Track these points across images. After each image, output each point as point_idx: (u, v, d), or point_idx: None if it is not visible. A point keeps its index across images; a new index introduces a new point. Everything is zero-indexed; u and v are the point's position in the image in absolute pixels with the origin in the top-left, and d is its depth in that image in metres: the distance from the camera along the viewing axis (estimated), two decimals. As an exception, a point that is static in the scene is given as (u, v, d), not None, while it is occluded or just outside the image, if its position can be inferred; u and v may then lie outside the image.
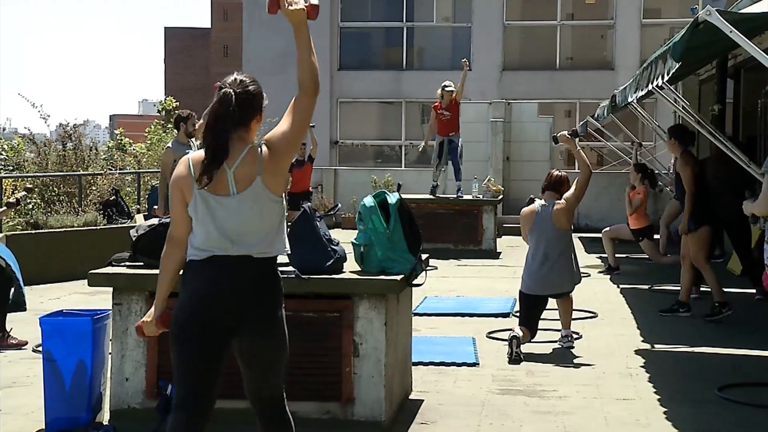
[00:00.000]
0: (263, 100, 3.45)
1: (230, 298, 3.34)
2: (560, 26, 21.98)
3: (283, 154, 3.39)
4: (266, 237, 3.38)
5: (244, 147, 3.36)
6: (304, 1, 3.38)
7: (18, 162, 16.77)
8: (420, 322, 7.78)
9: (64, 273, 10.38)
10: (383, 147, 23.87)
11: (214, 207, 3.33)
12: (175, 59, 75.60)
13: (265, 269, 3.40)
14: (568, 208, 6.94)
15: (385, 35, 23.58)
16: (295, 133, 3.40)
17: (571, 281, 6.96)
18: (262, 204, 3.36)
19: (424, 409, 5.35)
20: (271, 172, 3.36)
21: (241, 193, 3.33)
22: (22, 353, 6.92)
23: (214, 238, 3.33)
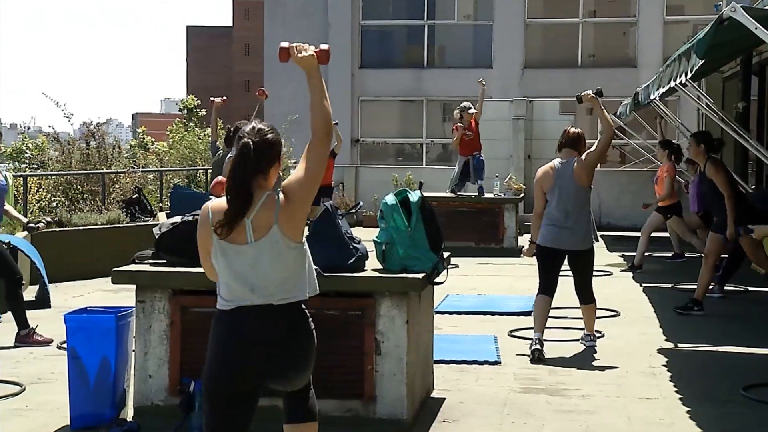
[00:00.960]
0: (281, 147, 3.46)
1: (254, 351, 3.34)
2: (582, 23, 21.86)
3: (300, 201, 3.38)
4: (286, 283, 3.38)
5: (262, 195, 3.37)
6: (314, 47, 3.38)
7: (42, 160, 16.92)
8: (441, 321, 7.77)
9: (87, 270, 10.45)
10: (404, 145, 23.85)
11: (232, 256, 3.34)
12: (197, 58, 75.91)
13: (289, 315, 3.39)
14: (590, 166, 6.85)
15: (406, 33, 23.55)
16: (310, 180, 3.39)
17: (588, 239, 6.90)
18: (279, 252, 3.35)
19: (445, 408, 5.35)
20: (289, 220, 3.36)
21: (259, 241, 3.33)
22: (47, 350, 6.98)
23: (234, 288, 3.35)
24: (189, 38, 79.03)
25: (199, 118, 26.13)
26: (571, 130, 7.06)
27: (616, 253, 13.24)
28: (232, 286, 3.35)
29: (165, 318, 4.97)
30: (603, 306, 8.39)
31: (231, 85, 69.72)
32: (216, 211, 3.38)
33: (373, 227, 13.96)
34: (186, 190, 15.38)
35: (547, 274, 6.87)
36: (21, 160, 18.12)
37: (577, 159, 6.83)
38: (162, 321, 4.97)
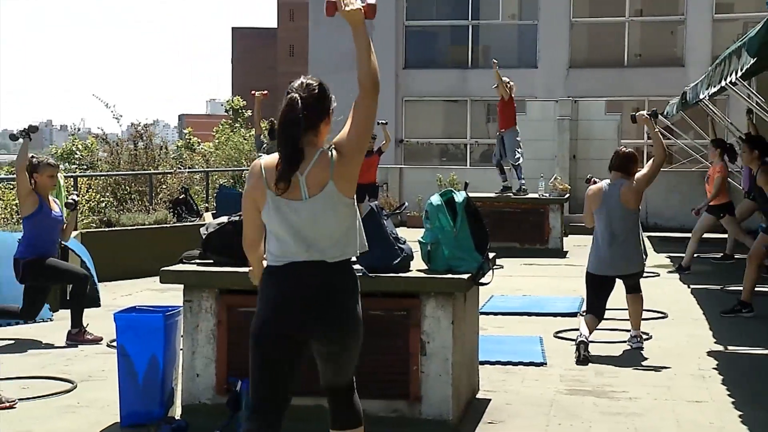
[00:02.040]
0: (331, 102, 3.46)
1: (306, 305, 3.36)
2: (628, 22, 21.65)
3: (352, 157, 3.39)
4: (339, 240, 3.40)
5: (315, 151, 3.38)
6: (360, 1, 3.38)
7: (92, 161, 17.19)
8: (486, 321, 7.75)
9: (135, 270, 10.57)
10: (448, 145, 23.81)
11: (286, 212, 3.35)
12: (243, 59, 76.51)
13: (340, 272, 3.41)
14: (638, 189, 6.80)
15: (450, 33, 23.50)
16: (360, 135, 3.40)
17: (638, 262, 6.85)
18: (335, 208, 3.37)
19: (491, 409, 5.33)
20: (343, 176, 3.37)
21: (313, 197, 3.35)
22: (97, 348, 7.08)
23: (288, 244, 3.36)
24: (234, 40, 79.69)
25: (244, 119, 26.33)
26: (623, 150, 7.02)
27: (663, 254, 13.08)
28: (285, 242, 3.36)
29: (212, 317, 5.01)
30: (651, 307, 8.29)
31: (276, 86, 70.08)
32: (269, 168, 3.39)
33: (417, 228, 13.94)
34: (232, 190, 15.51)
35: (596, 298, 6.85)
36: (71, 161, 18.42)
37: (625, 182, 6.78)
38: (209, 320, 5.02)
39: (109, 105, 16.49)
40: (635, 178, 6.81)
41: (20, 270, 7.22)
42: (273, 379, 3.39)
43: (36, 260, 7.22)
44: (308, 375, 3.67)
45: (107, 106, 16.50)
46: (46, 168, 7.33)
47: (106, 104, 16.47)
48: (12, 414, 5.23)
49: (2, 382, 5.70)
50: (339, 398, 3.60)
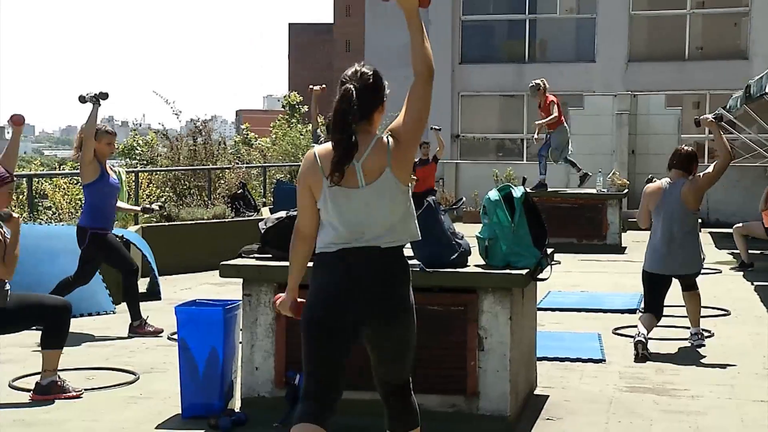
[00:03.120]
0: (385, 90, 3.46)
1: (358, 291, 3.37)
2: (690, 15, 21.28)
3: (408, 143, 3.40)
4: (394, 227, 3.40)
5: (371, 139, 3.39)
6: None
7: (152, 157, 17.44)
8: (544, 317, 7.69)
9: (194, 264, 10.72)
10: (504, 140, 23.67)
11: (343, 200, 3.36)
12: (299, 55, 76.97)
13: (393, 259, 3.42)
14: (700, 190, 6.69)
15: (507, 28, 23.36)
16: (416, 121, 3.39)
17: (696, 262, 6.73)
18: (391, 194, 3.38)
19: (549, 405, 5.29)
20: (399, 162, 3.38)
21: (370, 184, 3.36)
22: (158, 340, 7.19)
23: (343, 231, 3.37)
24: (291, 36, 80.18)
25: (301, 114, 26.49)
26: (684, 149, 6.90)
27: (725, 251, 12.85)
28: (340, 229, 3.36)
29: (271, 311, 5.05)
30: (712, 305, 8.16)
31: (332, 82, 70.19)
32: (323, 156, 3.39)
33: (473, 223, 13.90)
34: (289, 185, 15.62)
35: (653, 297, 6.76)
36: (132, 157, 18.72)
37: (686, 181, 6.67)
38: (268, 314, 5.06)
39: (168, 101, 16.71)
40: (697, 178, 6.70)
41: (86, 239, 7.35)
42: (324, 365, 3.40)
43: (100, 234, 7.34)
44: (364, 369, 3.68)
45: (167, 102, 16.72)
46: (104, 135, 7.41)
47: (166, 100, 16.69)
48: (79, 403, 5.35)
49: (68, 373, 5.83)
50: (395, 398, 3.57)
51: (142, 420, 5.01)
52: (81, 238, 7.38)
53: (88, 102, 7.30)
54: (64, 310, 5.49)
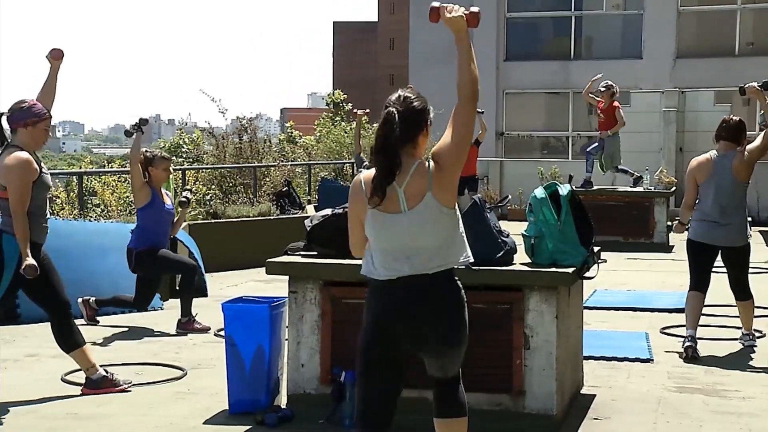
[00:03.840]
0: (428, 114, 3.46)
1: (410, 319, 3.38)
2: (740, 10, 20.94)
3: (450, 166, 3.39)
4: (440, 250, 3.39)
5: (413, 163, 3.39)
6: (464, 8, 3.38)
7: (198, 154, 17.62)
8: (590, 316, 7.62)
9: (240, 261, 10.80)
10: (549, 138, 23.51)
11: (386, 225, 3.38)
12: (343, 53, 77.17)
13: (443, 285, 3.41)
14: (751, 161, 6.54)
15: (552, 25, 23.18)
16: (458, 144, 3.38)
17: (744, 235, 6.60)
18: (435, 218, 3.37)
19: (596, 404, 5.25)
20: (441, 186, 3.37)
21: (413, 209, 3.36)
22: (205, 337, 7.26)
23: (389, 257, 3.39)
24: (335, 34, 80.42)
25: (345, 112, 26.57)
26: (732, 119, 6.74)
27: (776, 250, 12.63)
28: (386, 255, 3.38)
29: (316, 308, 5.08)
30: (763, 304, 8.02)
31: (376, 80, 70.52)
32: (368, 182, 3.42)
33: (518, 221, 13.82)
34: (333, 183, 15.70)
35: (699, 270, 6.63)
36: (178, 154, 18.92)
37: (737, 152, 6.54)
38: (314, 311, 5.09)
39: (215, 99, 16.85)
40: (747, 150, 6.57)
41: (133, 260, 7.48)
42: (379, 391, 3.43)
43: (148, 251, 7.46)
44: (412, 368, 3.68)
45: (213, 101, 16.86)
46: (161, 162, 7.55)
47: (212, 98, 16.83)
48: (128, 398, 5.43)
49: (118, 368, 5.91)
50: (444, 388, 3.62)
51: (189, 415, 5.07)
52: (129, 261, 7.51)
53: (134, 133, 7.51)
54: (66, 306, 5.47)
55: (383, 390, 3.43)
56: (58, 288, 5.48)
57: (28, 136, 5.31)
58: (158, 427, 4.87)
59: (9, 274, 5.24)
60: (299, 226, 5.85)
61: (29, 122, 5.30)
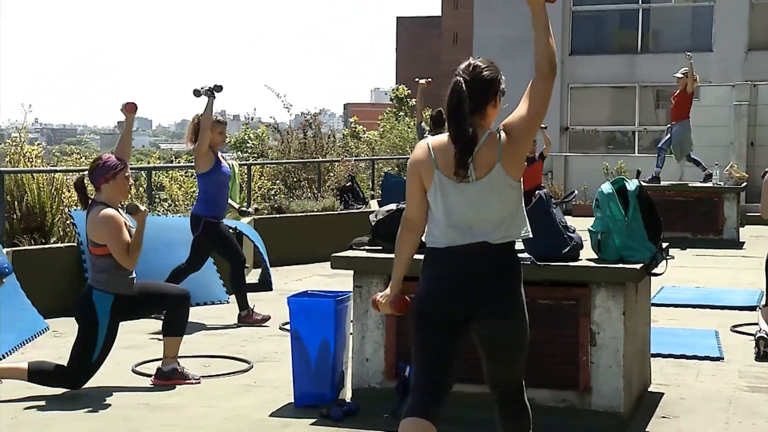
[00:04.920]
0: (499, 84, 3.41)
1: (468, 287, 3.34)
2: (815, 0, 20.39)
3: (521, 139, 3.35)
4: (503, 222, 3.36)
5: (483, 133, 3.36)
6: None
7: (262, 150, 17.79)
8: (658, 313, 7.50)
9: (304, 255, 10.88)
10: (615, 133, 23.20)
11: (453, 194, 3.34)
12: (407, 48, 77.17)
13: (503, 255, 3.38)
14: None
15: (619, 18, 22.86)
16: (532, 117, 3.35)
17: None
18: (502, 190, 3.34)
19: (664, 403, 5.17)
20: (511, 158, 3.34)
21: (481, 179, 3.32)
22: (270, 330, 7.34)
23: (452, 225, 3.35)
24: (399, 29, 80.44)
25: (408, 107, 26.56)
26: None
27: None
28: (449, 223, 3.35)
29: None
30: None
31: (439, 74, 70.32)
32: (437, 148, 3.37)
33: (583, 216, 13.68)
34: (397, 178, 15.68)
35: None
36: (243, 150, 19.12)
37: None
38: (378, 306, 5.09)
39: (279, 95, 16.99)
40: None
41: (200, 227, 7.56)
42: (434, 360, 3.38)
43: (213, 222, 7.54)
44: (474, 362, 3.66)
45: (278, 96, 17.00)
46: (216, 125, 7.61)
47: (277, 94, 16.97)
48: (197, 390, 5.52)
49: (186, 360, 6.01)
50: (505, 399, 3.53)
51: (256, 407, 5.13)
52: (194, 226, 7.59)
53: (203, 95, 7.49)
54: (184, 298, 5.67)
55: (438, 355, 3.36)
56: (167, 288, 5.78)
57: (112, 189, 5.52)
58: (226, 419, 4.94)
59: (103, 330, 5.44)
60: (362, 221, 5.86)
61: (109, 177, 5.50)
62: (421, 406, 3.37)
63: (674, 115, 13.54)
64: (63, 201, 9.15)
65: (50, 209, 8.91)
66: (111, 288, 5.43)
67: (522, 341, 3.47)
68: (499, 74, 3.43)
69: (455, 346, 3.40)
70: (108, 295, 5.42)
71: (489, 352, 3.49)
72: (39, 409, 5.11)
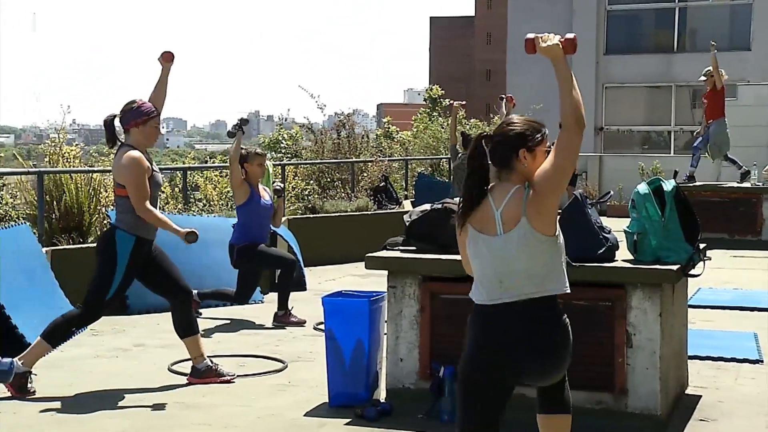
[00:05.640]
0: (527, 139, 3.36)
1: (511, 348, 3.32)
2: None
3: (546, 193, 3.32)
4: (533, 278, 3.32)
5: (512, 187, 3.36)
6: (559, 36, 3.32)
7: (296, 150, 17.83)
8: (694, 315, 7.42)
9: (338, 255, 10.90)
10: (650, 133, 23.00)
11: (482, 247, 3.36)
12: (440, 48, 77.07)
13: (540, 311, 3.34)
14: None
15: (654, 17, 22.66)
16: (557, 171, 3.31)
17: None
18: (529, 244, 3.31)
19: (702, 406, 5.11)
20: (537, 212, 3.31)
21: (507, 233, 3.32)
22: (304, 330, 7.36)
23: (486, 281, 3.37)
24: (432, 29, 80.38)
25: (442, 107, 26.52)
26: None
27: None
28: (482, 277, 3.38)
29: (415, 304, 5.09)
30: None
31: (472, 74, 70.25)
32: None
33: (617, 217, 13.56)
34: (430, 178, 15.69)
35: None
36: (277, 150, 19.18)
37: None
38: (412, 306, 5.10)
39: (313, 95, 17.01)
40: None
41: (234, 255, 7.64)
42: (482, 418, 3.39)
43: (248, 246, 7.60)
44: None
45: (312, 97, 17.02)
46: (255, 157, 7.70)
47: (311, 94, 16.99)
48: (231, 388, 5.56)
49: (221, 359, 6.05)
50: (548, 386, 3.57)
51: (290, 407, 5.15)
52: (231, 256, 7.67)
53: (235, 133, 7.66)
54: (186, 295, 5.68)
55: (486, 416, 3.37)
56: (177, 276, 5.71)
57: (140, 134, 5.53)
58: (261, 418, 4.96)
59: (121, 270, 5.47)
60: (396, 221, 5.87)
61: (140, 121, 5.51)
62: None
63: (708, 115, 13.43)
64: (100, 201, 9.25)
65: (88, 209, 9.02)
66: (134, 229, 5.45)
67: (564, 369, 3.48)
68: (532, 129, 3.39)
69: (503, 404, 3.40)
70: (130, 236, 5.44)
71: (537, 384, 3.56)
72: (76, 406, 5.17)
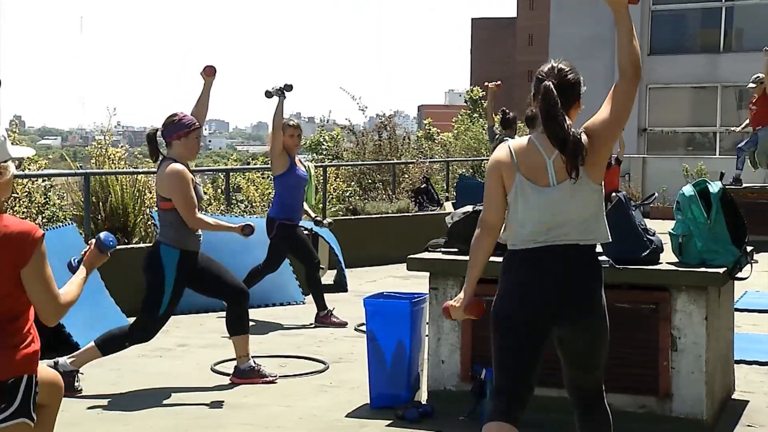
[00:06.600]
0: (581, 86, 3.42)
1: (551, 289, 3.32)
2: None
3: (603, 140, 3.33)
4: (583, 225, 3.34)
5: None
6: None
7: (337, 152, 17.88)
8: (741, 318, 7.31)
9: (378, 257, 10.91)
10: (695, 134, 22.71)
11: (533, 197, 3.33)
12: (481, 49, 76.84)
13: (583, 258, 3.35)
14: None
15: (700, 17, 22.38)
16: (615, 120, 3.33)
17: None
18: (582, 193, 3.32)
19: (749, 411, 5.03)
20: (592, 161, 3.31)
21: (561, 183, 3.31)
22: (345, 331, 7.38)
23: (533, 228, 3.33)
24: (473, 30, 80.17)
25: (483, 108, 26.43)
26: None
27: None
28: (530, 227, 3.33)
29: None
30: None
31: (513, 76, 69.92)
32: (519, 151, 3.36)
33: (661, 219, 13.41)
34: (471, 180, 15.62)
35: None
36: (318, 152, 19.25)
37: None
38: (454, 308, 5.07)
39: (354, 97, 17.05)
40: None
41: (275, 229, 7.64)
42: (515, 363, 3.37)
43: (288, 225, 7.59)
44: (553, 365, 3.63)
45: (353, 98, 17.06)
46: (287, 128, 7.64)
47: (352, 96, 17.03)
48: (274, 389, 5.59)
49: (263, 359, 6.09)
50: (585, 403, 3.50)
51: (332, 408, 5.17)
52: (270, 228, 7.68)
53: (274, 96, 7.55)
54: (241, 294, 5.70)
55: (521, 357, 3.35)
56: (228, 277, 5.74)
57: (182, 147, 5.58)
58: (302, 419, 4.98)
59: (170, 284, 5.52)
60: (437, 223, 5.86)
61: (182, 134, 5.57)
62: (504, 409, 3.36)
63: (757, 121, 13.15)
64: (145, 202, 9.35)
65: (133, 210, 9.13)
66: (178, 243, 5.49)
67: (603, 345, 3.44)
68: (580, 76, 3.43)
69: (538, 350, 3.38)
70: (175, 250, 5.48)
71: (570, 356, 3.47)
72: (121, 405, 5.23)
